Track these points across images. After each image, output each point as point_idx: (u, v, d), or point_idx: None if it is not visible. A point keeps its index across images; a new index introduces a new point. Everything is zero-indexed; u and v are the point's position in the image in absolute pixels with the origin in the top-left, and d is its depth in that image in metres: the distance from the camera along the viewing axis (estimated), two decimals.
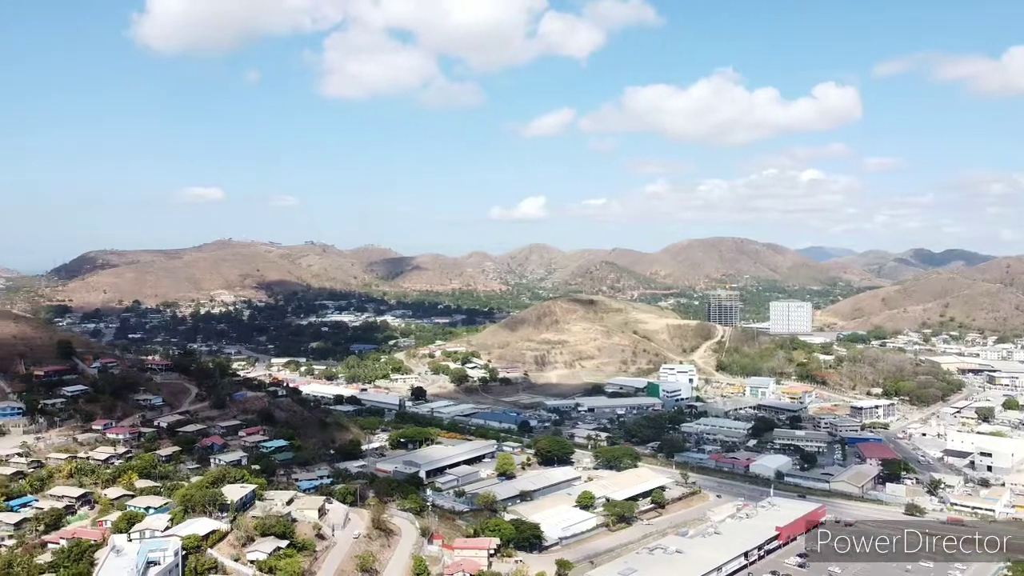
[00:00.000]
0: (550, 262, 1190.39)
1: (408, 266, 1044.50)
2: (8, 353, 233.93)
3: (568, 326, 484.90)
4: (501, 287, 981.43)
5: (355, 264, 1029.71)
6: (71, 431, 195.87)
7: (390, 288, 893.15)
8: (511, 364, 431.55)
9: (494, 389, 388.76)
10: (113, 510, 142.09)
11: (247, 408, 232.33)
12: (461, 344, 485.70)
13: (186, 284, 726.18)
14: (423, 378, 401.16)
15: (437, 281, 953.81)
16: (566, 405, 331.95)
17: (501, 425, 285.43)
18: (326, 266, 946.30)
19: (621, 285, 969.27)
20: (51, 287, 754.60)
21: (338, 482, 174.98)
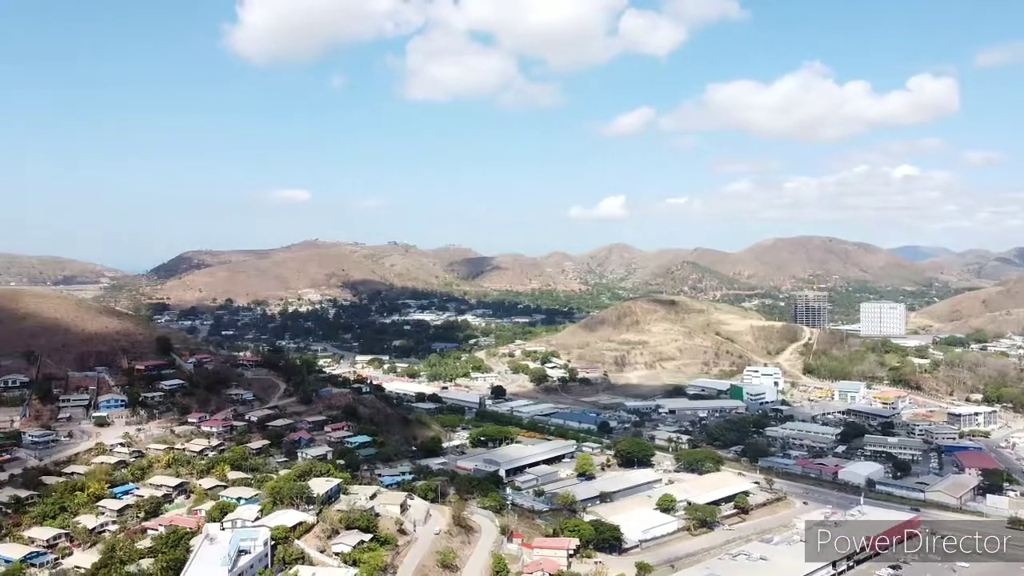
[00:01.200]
0: (630, 262, 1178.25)
1: (488, 266, 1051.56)
2: (112, 348, 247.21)
3: (648, 327, 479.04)
4: (580, 287, 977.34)
5: (436, 264, 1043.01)
6: (169, 423, 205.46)
7: (470, 288, 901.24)
8: (590, 364, 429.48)
9: (573, 389, 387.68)
10: (207, 500, 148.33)
11: (332, 404, 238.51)
12: (540, 344, 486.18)
13: (275, 283, 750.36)
14: (503, 377, 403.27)
15: (517, 281, 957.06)
16: (646, 406, 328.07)
17: (580, 425, 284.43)
18: (408, 266, 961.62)
19: (703, 285, 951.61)
20: (151, 286, 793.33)
21: (419, 479, 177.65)
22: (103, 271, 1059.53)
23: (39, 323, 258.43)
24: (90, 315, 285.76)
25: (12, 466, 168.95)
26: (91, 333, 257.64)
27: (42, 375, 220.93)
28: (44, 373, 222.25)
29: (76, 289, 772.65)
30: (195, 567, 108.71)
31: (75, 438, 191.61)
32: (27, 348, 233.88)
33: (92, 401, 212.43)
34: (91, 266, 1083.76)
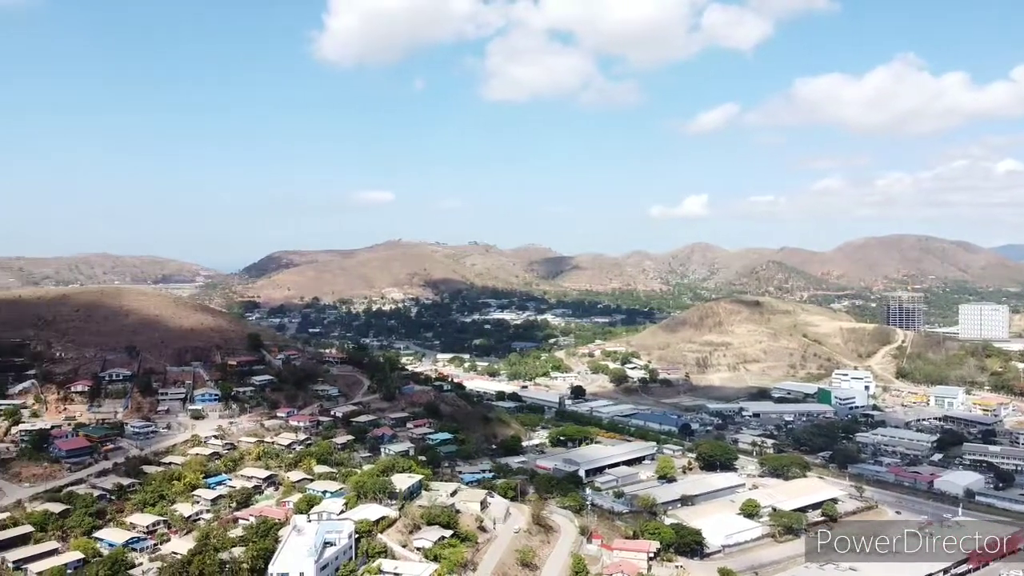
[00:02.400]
0: (713, 262, 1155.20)
1: (567, 265, 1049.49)
2: (207, 344, 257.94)
3: (732, 328, 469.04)
4: (661, 287, 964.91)
5: (516, 263, 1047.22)
6: (259, 417, 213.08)
7: (550, 287, 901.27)
8: (671, 365, 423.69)
9: (654, 390, 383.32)
10: (294, 492, 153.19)
11: (415, 401, 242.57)
12: (620, 344, 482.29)
13: (359, 282, 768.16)
14: (582, 377, 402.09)
15: (596, 280, 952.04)
16: (729, 409, 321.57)
17: (661, 427, 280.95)
18: (489, 265, 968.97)
19: (789, 286, 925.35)
20: (242, 285, 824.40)
21: (499, 477, 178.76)
22: (198, 270, 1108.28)
23: (140, 320, 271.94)
24: (186, 312, 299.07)
25: (116, 455, 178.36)
26: (187, 329, 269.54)
27: (143, 369, 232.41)
28: (145, 367, 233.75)
29: (174, 287, 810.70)
30: (283, 557, 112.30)
31: (172, 430, 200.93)
32: (129, 343, 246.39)
33: (188, 395, 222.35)
34: (188, 265, 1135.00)
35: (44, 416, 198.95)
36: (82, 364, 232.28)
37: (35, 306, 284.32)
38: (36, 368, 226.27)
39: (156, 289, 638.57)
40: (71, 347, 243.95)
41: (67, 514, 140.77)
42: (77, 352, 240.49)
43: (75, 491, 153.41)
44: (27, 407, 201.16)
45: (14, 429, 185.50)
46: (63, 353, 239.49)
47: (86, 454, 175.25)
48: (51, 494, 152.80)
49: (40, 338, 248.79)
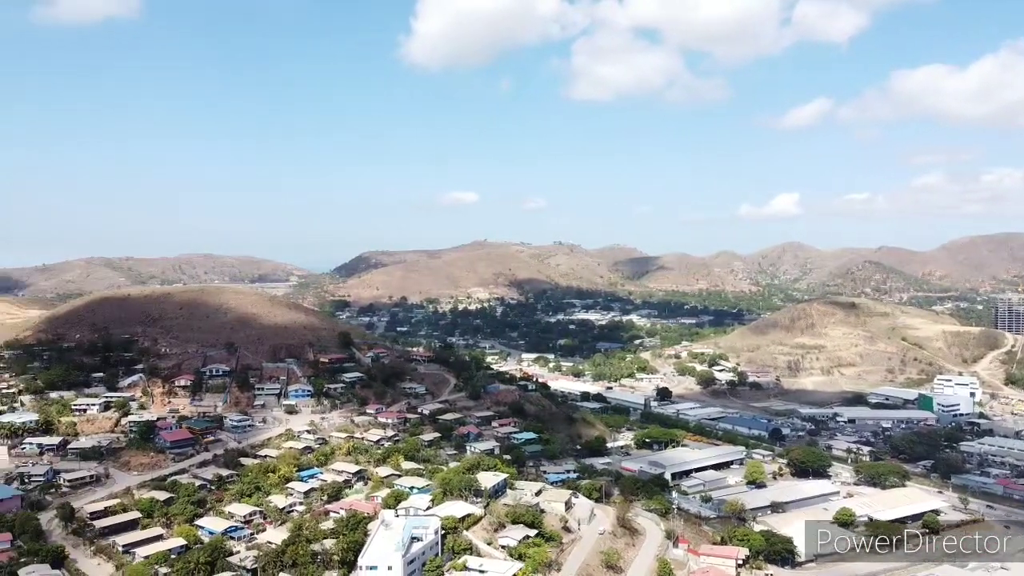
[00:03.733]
0: (805, 262, 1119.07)
1: (653, 266, 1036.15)
2: (300, 341, 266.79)
3: (825, 330, 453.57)
4: (751, 288, 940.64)
5: (601, 263, 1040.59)
6: (349, 413, 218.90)
7: (635, 288, 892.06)
8: (761, 368, 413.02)
9: (743, 393, 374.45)
10: (383, 487, 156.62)
11: (499, 400, 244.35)
12: (708, 346, 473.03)
13: (446, 282, 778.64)
14: (668, 379, 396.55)
15: (683, 281, 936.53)
16: (822, 414, 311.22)
17: (750, 431, 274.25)
18: (573, 265, 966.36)
19: (887, 287, 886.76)
20: (333, 284, 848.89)
21: (584, 477, 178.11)
22: (292, 270, 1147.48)
23: (238, 317, 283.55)
24: (281, 311, 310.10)
25: (215, 447, 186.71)
26: (282, 327, 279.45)
27: (241, 365, 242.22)
28: (242, 364, 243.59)
29: (268, 287, 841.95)
30: (372, 550, 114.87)
31: (268, 424, 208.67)
32: (228, 340, 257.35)
33: (283, 390, 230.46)
34: (282, 265, 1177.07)
35: (151, 408, 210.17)
36: (185, 359, 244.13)
37: (142, 304, 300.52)
38: (144, 363, 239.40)
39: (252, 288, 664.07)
40: (175, 343, 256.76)
41: (171, 502, 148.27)
42: (181, 348, 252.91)
43: (178, 480, 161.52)
44: (135, 400, 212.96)
45: (124, 420, 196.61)
46: (168, 349, 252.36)
47: (188, 445, 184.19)
48: (156, 482, 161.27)
49: (147, 334, 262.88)
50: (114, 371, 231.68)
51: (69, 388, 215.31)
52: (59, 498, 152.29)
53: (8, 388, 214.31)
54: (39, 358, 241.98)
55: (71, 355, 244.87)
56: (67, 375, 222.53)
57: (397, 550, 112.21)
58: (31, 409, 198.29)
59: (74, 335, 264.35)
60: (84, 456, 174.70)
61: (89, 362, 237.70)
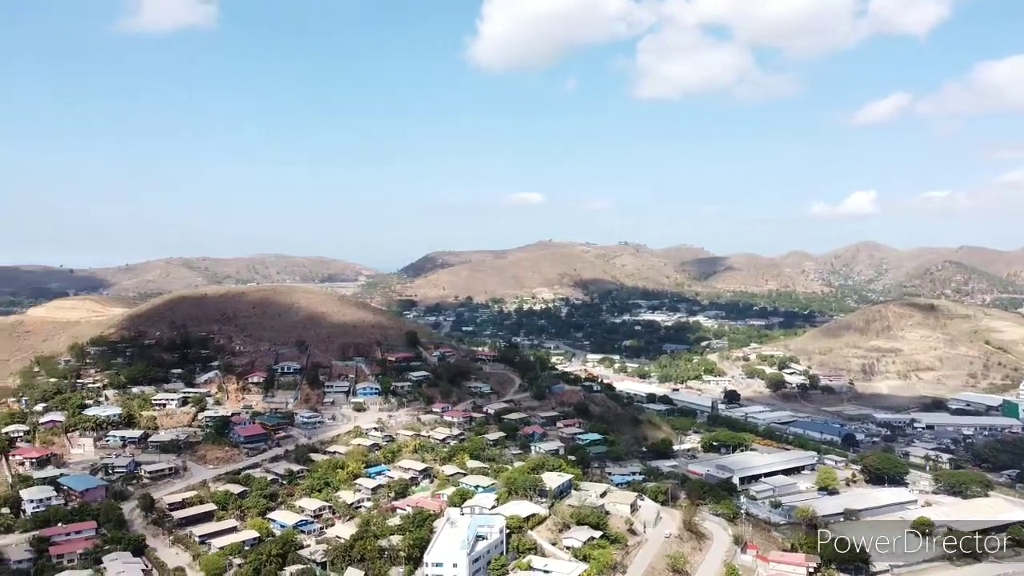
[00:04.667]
0: (880, 262, 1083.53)
1: (721, 266, 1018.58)
2: (368, 340, 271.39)
3: (902, 333, 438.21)
4: (823, 289, 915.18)
5: (667, 264, 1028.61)
6: (415, 411, 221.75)
7: (702, 288, 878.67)
8: (833, 372, 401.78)
9: (814, 397, 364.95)
10: (448, 485, 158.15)
11: (564, 401, 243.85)
12: (778, 348, 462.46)
13: (511, 282, 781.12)
14: (736, 381, 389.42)
15: (752, 281, 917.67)
16: (899, 420, 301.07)
17: (822, 436, 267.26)
18: (639, 266, 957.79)
19: (969, 288, 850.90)
20: (400, 284, 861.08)
21: (649, 480, 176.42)
22: (360, 270, 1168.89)
23: (308, 316, 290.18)
24: (350, 310, 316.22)
25: (286, 443, 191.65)
26: (350, 326, 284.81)
27: (311, 363, 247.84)
28: (312, 361, 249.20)
29: (338, 286, 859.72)
30: (438, 548, 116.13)
31: (337, 421, 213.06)
32: (299, 338, 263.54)
33: (351, 388, 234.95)
34: (351, 265, 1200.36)
35: (226, 404, 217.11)
36: (258, 357, 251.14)
37: (218, 303, 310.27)
38: (219, 360, 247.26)
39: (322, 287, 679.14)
40: (248, 341, 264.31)
41: (244, 495, 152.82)
42: (254, 346, 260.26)
43: (251, 474, 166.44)
44: (211, 396, 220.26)
45: (201, 415, 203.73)
46: (242, 346, 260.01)
47: (261, 440, 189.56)
48: (231, 476, 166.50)
49: (223, 332, 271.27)
50: (191, 368, 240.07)
51: (150, 384, 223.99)
52: (140, 489, 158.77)
53: (94, 383, 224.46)
54: (122, 354, 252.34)
55: (152, 352, 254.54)
56: (148, 371, 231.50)
57: (462, 548, 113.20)
58: (115, 403, 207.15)
59: (154, 332, 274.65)
60: (163, 449, 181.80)
61: (168, 359, 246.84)
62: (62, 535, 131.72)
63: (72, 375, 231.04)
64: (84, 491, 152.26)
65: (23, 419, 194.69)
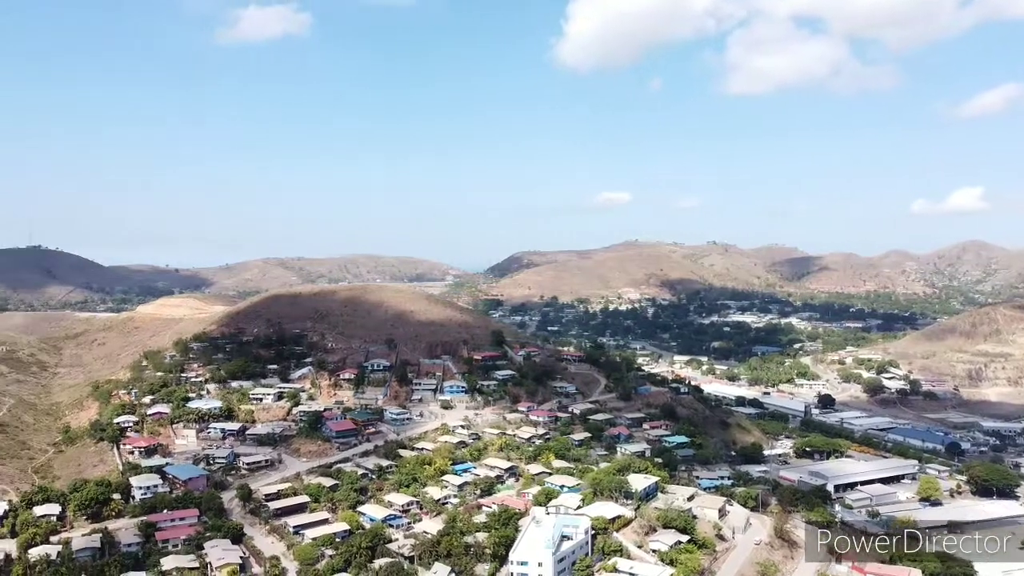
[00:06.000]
0: (989, 262, 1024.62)
1: (814, 266, 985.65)
2: (455, 339, 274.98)
3: (1013, 337, 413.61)
4: (925, 290, 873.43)
5: (757, 264, 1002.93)
6: (501, 410, 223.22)
7: (795, 289, 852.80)
8: (936, 377, 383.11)
9: (915, 403, 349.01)
10: (533, 484, 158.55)
11: (651, 402, 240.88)
12: (876, 351, 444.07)
13: (596, 282, 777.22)
14: (831, 385, 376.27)
15: (848, 282, 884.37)
16: (1009, 429, 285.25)
17: (924, 444, 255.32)
18: (728, 266, 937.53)
19: None
20: (487, 283, 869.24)
21: (738, 484, 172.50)
22: (447, 270, 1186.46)
23: (397, 314, 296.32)
24: (437, 308, 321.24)
25: (376, 438, 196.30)
26: (438, 325, 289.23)
27: (400, 361, 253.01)
28: (402, 359, 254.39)
29: (426, 285, 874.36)
30: (523, 546, 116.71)
31: (424, 418, 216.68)
32: (388, 336, 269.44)
33: (439, 386, 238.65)
34: (438, 265, 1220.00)
35: (318, 399, 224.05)
36: (349, 354, 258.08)
37: (311, 301, 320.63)
38: (312, 356, 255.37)
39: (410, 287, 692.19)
40: (340, 338, 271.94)
41: (336, 488, 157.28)
42: (345, 343, 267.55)
43: (342, 468, 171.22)
44: (305, 391, 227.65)
45: (295, 410, 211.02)
46: (334, 344, 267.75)
47: (352, 435, 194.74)
48: (323, 469, 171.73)
49: (315, 329, 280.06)
50: (286, 364, 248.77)
51: (248, 378, 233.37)
52: (238, 479, 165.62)
53: (196, 377, 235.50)
54: (222, 350, 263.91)
55: (249, 348, 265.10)
56: (246, 366, 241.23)
57: (547, 547, 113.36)
58: (216, 397, 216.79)
59: (252, 329, 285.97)
60: (260, 442, 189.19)
61: (265, 355, 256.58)
62: (167, 521, 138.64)
63: (177, 369, 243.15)
64: (187, 480, 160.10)
65: (133, 410, 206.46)
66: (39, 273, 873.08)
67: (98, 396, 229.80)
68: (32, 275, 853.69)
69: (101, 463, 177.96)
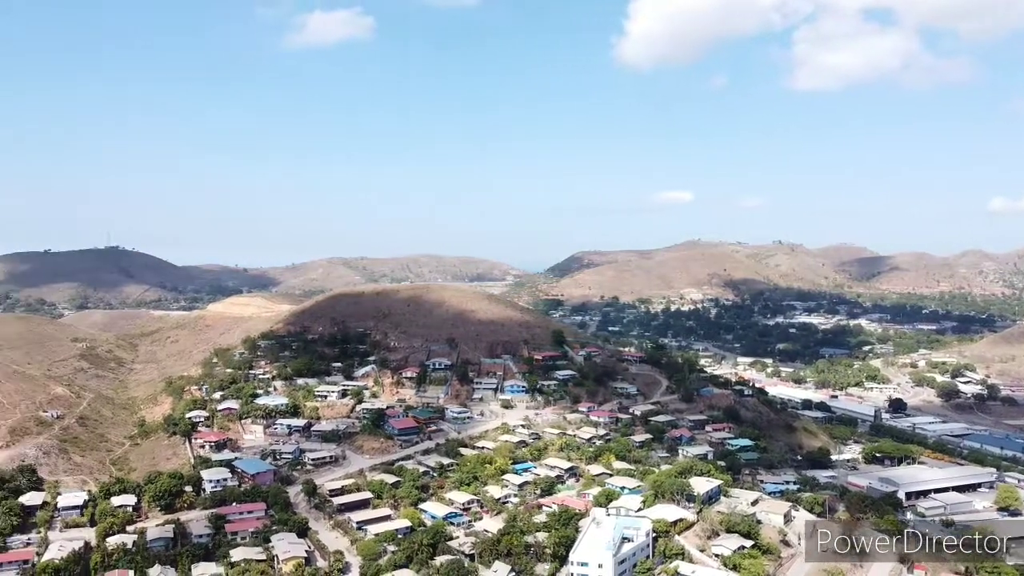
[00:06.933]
0: None
1: (885, 266, 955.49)
2: (515, 339, 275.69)
3: None
4: (1004, 291, 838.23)
5: (825, 264, 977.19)
6: (561, 410, 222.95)
7: (864, 289, 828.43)
8: (1016, 382, 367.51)
9: (993, 409, 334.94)
10: (594, 485, 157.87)
11: (713, 404, 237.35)
12: (950, 354, 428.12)
13: (657, 282, 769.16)
14: (902, 389, 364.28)
15: (921, 282, 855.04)
16: None
17: (1003, 452, 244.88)
18: (794, 266, 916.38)
19: None
20: (547, 283, 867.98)
21: (804, 490, 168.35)
22: (508, 269, 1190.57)
23: (457, 314, 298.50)
24: (497, 308, 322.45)
25: (437, 436, 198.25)
26: (498, 324, 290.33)
27: (461, 360, 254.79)
28: (462, 358, 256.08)
29: (486, 285, 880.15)
30: (583, 547, 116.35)
31: (485, 417, 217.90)
32: (449, 336, 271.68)
33: (499, 385, 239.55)
34: (499, 265, 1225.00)
35: (381, 397, 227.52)
36: (411, 353, 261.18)
37: (373, 300, 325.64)
38: (375, 355, 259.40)
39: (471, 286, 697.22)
40: (402, 337, 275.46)
41: (398, 485, 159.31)
42: (407, 342, 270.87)
43: (404, 465, 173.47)
44: (368, 389, 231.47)
45: (358, 407, 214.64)
46: (396, 342, 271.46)
47: (414, 433, 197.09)
48: (385, 466, 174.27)
49: (378, 328, 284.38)
50: (350, 362, 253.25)
51: (313, 376, 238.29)
52: (304, 475, 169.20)
53: (264, 374, 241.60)
54: (288, 348, 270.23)
55: (314, 346, 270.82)
56: (311, 364, 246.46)
57: (608, 549, 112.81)
58: (282, 394, 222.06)
59: (317, 328, 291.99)
60: (325, 438, 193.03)
61: (329, 353, 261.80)
62: (236, 514, 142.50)
63: (245, 367, 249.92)
64: (255, 474, 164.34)
65: (204, 406, 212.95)
66: (117, 273, 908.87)
67: (171, 392, 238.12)
68: (110, 275, 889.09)
69: (174, 456, 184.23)
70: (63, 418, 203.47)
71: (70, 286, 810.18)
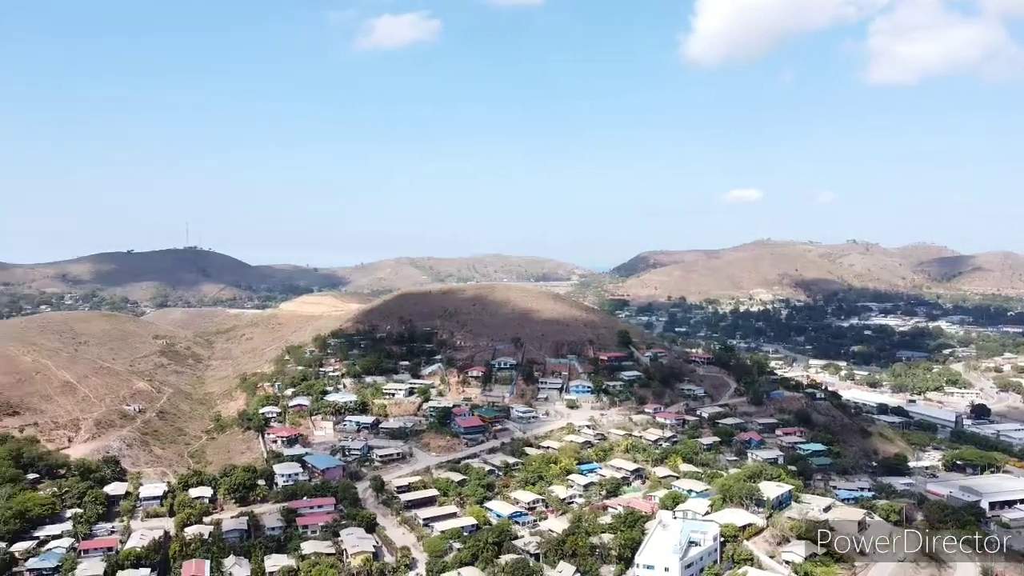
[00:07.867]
0: None
1: (967, 266, 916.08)
2: (581, 339, 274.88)
3: None
4: None
5: (902, 264, 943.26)
6: (627, 411, 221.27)
7: (944, 290, 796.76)
8: None
9: None
10: (660, 488, 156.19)
11: (783, 407, 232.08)
12: None
13: (726, 282, 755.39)
14: (985, 394, 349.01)
15: (1006, 283, 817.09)
16: None
17: None
18: (869, 266, 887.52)
19: None
20: (612, 283, 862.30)
21: (880, 497, 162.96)
22: (573, 269, 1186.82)
23: (522, 313, 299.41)
24: (562, 308, 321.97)
25: (503, 435, 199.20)
26: (563, 324, 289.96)
27: (526, 359, 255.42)
28: (528, 358, 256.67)
29: (552, 285, 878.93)
30: (649, 550, 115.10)
31: (550, 416, 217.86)
32: (515, 335, 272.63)
33: (564, 385, 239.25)
34: (564, 264, 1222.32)
35: (447, 396, 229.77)
36: (477, 352, 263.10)
37: (439, 299, 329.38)
38: (441, 354, 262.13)
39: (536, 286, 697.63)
40: (468, 336, 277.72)
41: (463, 483, 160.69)
42: (473, 341, 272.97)
43: (470, 464, 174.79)
44: (434, 387, 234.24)
45: (425, 405, 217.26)
46: (462, 341, 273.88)
47: (479, 432, 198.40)
48: (451, 464, 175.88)
49: (444, 327, 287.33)
50: (417, 360, 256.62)
51: (381, 374, 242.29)
52: (372, 471, 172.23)
53: (334, 371, 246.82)
54: (357, 346, 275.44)
55: (382, 344, 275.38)
56: (379, 362, 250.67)
57: (675, 552, 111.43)
58: (351, 391, 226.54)
59: (384, 326, 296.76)
60: (392, 435, 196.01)
61: (396, 351, 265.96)
62: (307, 508, 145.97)
63: (316, 364, 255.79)
64: (325, 470, 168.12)
65: (276, 402, 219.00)
66: (195, 272, 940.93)
67: (245, 388, 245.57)
68: (189, 274, 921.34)
69: (248, 450, 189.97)
70: (144, 412, 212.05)
71: (151, 285, 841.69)
